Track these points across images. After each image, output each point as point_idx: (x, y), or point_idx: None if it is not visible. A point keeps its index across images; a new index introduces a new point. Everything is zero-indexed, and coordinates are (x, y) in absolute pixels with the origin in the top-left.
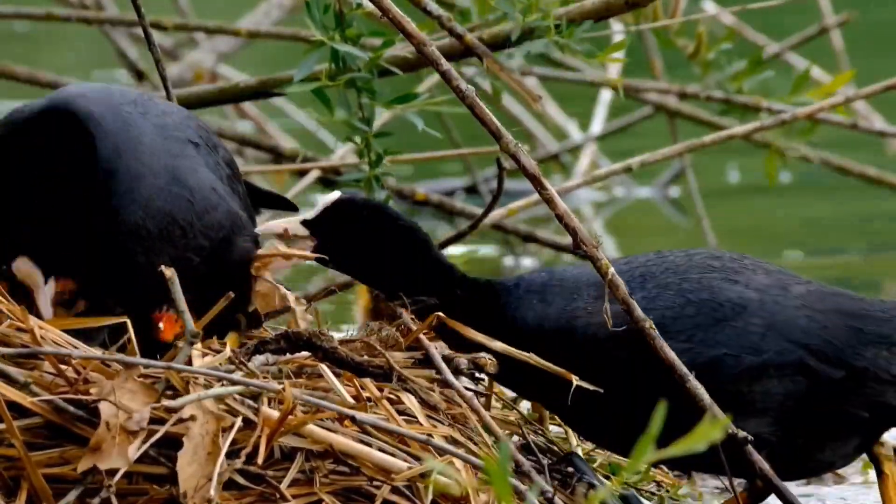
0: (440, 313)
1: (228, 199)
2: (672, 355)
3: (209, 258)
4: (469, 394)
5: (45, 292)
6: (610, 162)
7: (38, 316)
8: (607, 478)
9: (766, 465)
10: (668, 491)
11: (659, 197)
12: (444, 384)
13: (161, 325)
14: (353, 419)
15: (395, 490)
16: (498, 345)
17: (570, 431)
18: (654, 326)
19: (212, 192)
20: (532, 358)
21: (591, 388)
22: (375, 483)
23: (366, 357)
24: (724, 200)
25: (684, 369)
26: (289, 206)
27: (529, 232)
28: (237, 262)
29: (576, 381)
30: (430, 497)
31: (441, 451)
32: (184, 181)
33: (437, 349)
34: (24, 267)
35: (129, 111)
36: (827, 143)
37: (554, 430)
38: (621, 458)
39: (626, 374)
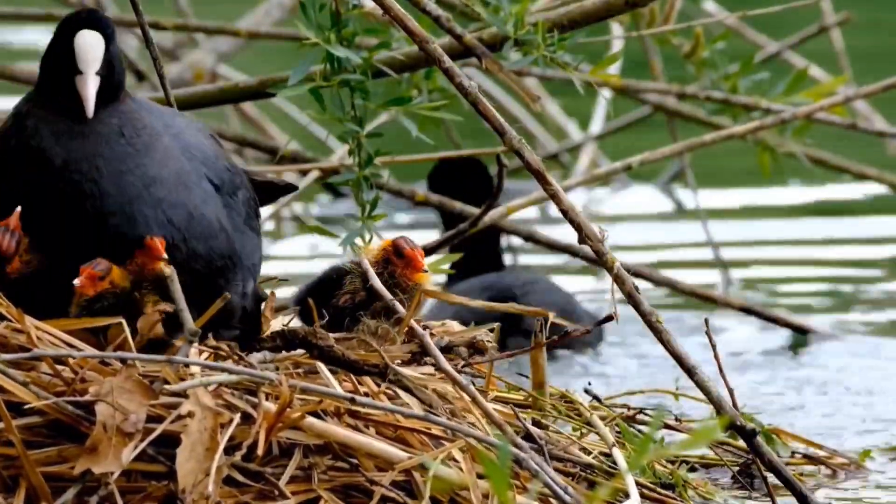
0: (426, 288)
1: (234, 236)
2: (680, 349)
3: (202, 286)
4: (465, 381)
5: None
6: (609, 161)
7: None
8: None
9: (775, 457)
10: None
11: (659, 195)
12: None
13: (81, 277)
14: (352, 400)
15: (393, 484)
16: (477, 303)
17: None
18: (661, 320)
19: (216, 221)
20: (513, 306)
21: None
22: (374, 479)
23: (362, 354)
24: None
25: (692, 362)
26: (289, 189)
27: (529, 232)
28: (249, 296)
29: (552, 317)
30: (429, 490)
31: (443, 427)
32: (189, 197)
33: (434, 339)
34: None
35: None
36: (833, 142)
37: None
38: None
39: None
